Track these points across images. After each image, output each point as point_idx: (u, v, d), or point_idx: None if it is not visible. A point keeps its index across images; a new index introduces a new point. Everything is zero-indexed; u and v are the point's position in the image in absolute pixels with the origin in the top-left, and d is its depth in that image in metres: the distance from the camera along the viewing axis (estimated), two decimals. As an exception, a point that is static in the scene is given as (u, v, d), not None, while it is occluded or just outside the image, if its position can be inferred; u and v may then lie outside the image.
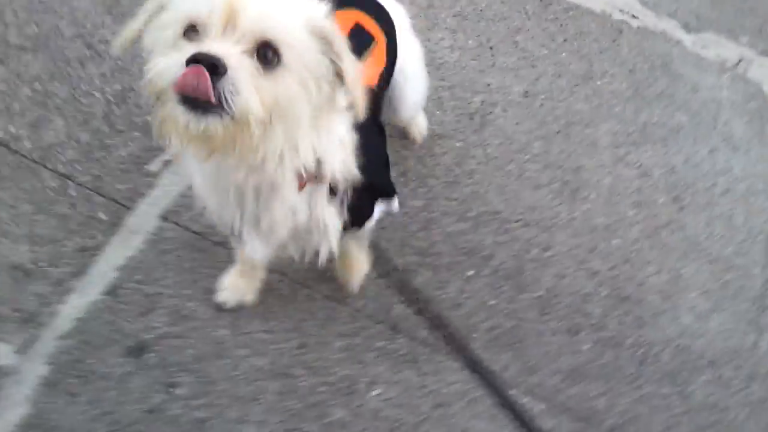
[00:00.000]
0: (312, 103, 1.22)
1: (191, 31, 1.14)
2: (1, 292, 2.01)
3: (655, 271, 2.45)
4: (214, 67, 1.05)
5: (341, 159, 1.43)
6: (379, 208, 1.72)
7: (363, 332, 2.13)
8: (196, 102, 1.06)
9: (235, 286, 2.07)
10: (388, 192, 1.72)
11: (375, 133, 1.66)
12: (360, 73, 1.25)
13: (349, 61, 1.22)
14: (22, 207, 2.15)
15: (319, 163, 1.36)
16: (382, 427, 2.00)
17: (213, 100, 1.06)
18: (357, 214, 1.62)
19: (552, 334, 2.25)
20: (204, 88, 1.04)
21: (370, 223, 1.74)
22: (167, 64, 1.10)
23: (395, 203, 1.78)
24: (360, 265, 2.13)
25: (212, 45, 1.09)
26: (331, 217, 1.54)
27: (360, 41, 1.54)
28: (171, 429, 1.91)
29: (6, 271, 2.05)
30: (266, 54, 1.13)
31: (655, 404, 2.19)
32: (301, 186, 1.39)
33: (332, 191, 1.49)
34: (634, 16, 3.19)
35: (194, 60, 1.05)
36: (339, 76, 1.24)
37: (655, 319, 2.35)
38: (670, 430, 2.16)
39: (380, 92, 1.74)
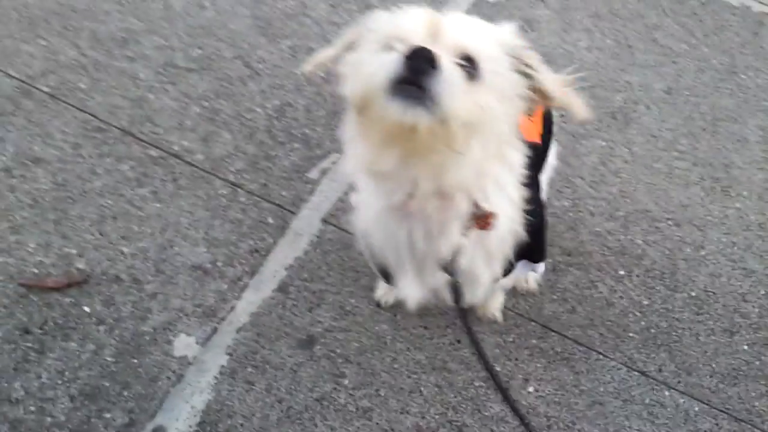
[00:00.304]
0: (507, 120, 1.26)
1: (389, 49, 1.20)
2: (184, 290, 2.22)
3: (814, 269, 2.35)
4: (431, 62, 1.09)
5: (510, 213, 1.46)
6: (521, 267, 1.73)
7: (516, 330, 2.18)
8: (409, 93, 1.10)
9: (390, 287, 2.18)
10: (539, 255, 1.72)
11: (538, 191, 1.66)
12: (560, 81, 1.30)
13: (545, 71, 1.28)
14: (199, 213, 2.36)
15: (489, 212, 1.40)
16: (537, 422, 2.04)
17: (429, 90, 1.10)
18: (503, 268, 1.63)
19: (708, 334, 2.21)
20: (423, 77, 1.09)
21: (511, 276, 1.74)
22: (382, 61, 1.14)
23: (541, 267, 1.78)
24: (495, 303, 2.16)
25: (425, 45, 1.14)
26: (485, 269, 1.56)
27: None
28: (339, 416, 2.03)
29: (187, 270, 2.26)
30: (466, 66, 1.18)
31: (818, 407, 2.10)
32: (471, 228, 1.42)
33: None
34: (776, 7, 3.07)
35: (411, 54, 1.10)
36: (533, 96, 1.29)
37: (817, 320, 2.26)
38: (836, 434, 2.07)
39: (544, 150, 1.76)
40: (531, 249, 1.61)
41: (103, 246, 2.29)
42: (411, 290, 1.64)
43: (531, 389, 2.09)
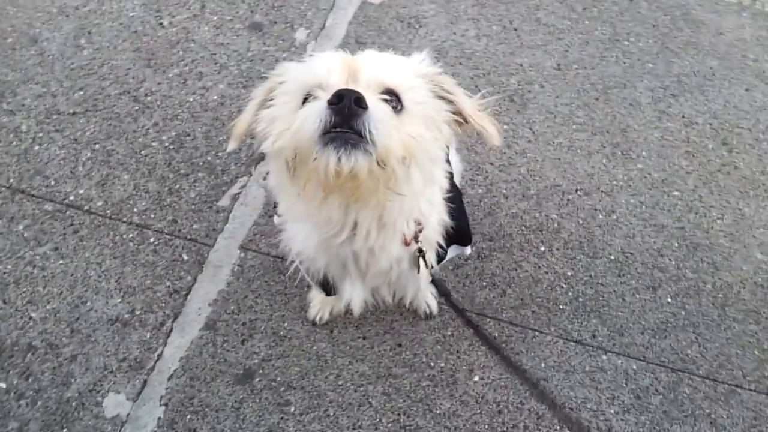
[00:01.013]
0: (438, 145, 1.27)
1: (310, 99, 1.18)
2: (105, 346, 2.09)
3: (719, 215, 2.48)
4: (358, 101, 1.08)
5: (438, 215, 1.50)
6: (452, 251, 1.75)
7: (452, 323, 2.18)
8: (343, 139, 1.09)
9: (322, 301, 2.14)
10: (467, 238, 1.75)
11: (452, 176, 1.69)
12: (475, 105, 1.32)
13: (462, 95, 1.30)
14: (108, 262, 2.24)
15: (421, 220, 1.45)
16: (489, 410, 2.04)
17: (361, 131, 1.08)
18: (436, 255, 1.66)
19: (633, 293, 2.29)
20: (353, 120, 1.08)
21: (442, 262, 1.77)
22: (309, 112, 1.11)
23: (468, 250, 1.83)
24: (429, 294, 2.17)
25: (348, 86, 1.13)
26: (423, 266, 1.59)
27: None
28: (290, 446, 1.97)
29: (105, 325, 2.13)
30: (390, 100, 1.18)
31: (744, 342, 2.21)
32: (406, 242, 1.45)
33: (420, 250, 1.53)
34: (644, -27, 3.23)
35: (336, 99, 1.08)
36: (456, 119, 1.31)
37: (729, 261, 2.38)
38: (763, 365, 2.18)
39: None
40: (457, 232, 1.63)
41: (10, 315, 2.13)
42: (356, 293, 1.64)
43: (477, 378, 2.10)
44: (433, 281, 1.61)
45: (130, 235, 2.29)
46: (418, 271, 1.58)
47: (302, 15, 2.93)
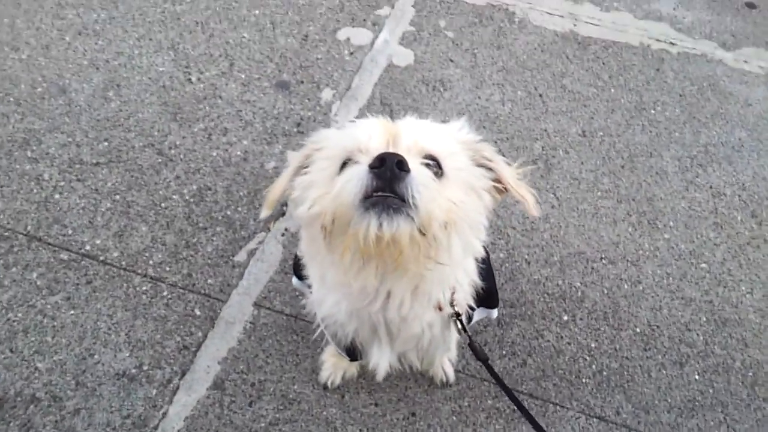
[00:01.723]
0: (478, 212, 1.24)
1: (349, 164, 1.16)
2: (109, 402, 2.03)
3: (748, 289, 2.39)
4: (401, 165, 1.05)
5: (469, 278, 1.46)
6: (479, 314, 1.71)
7: (469, 393, 2.09)
8: (385, 204, 1.05)
9: (335, 364, 2.07)
10: (494, 300, 1.72)
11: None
12: (515, 174, 1.30)
13: (502, 163, 1.28)
14: (119, 314, 2.19)
15: (456, 288, 1.41)
16: (505, 489, 1.93)
17: (403, 195, 1.05)
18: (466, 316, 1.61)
19: (659, 368, 2.18)
20: (396, 184, 1.05)
21: (469, 324, 1.71)
22: (350, 176, 1.09)
23: (495, 313, 1.79)
24: (447, 361, 2.10)
25: (389, 150, 1.11)
26: (454, 331, 1.55)
27: None
28: None
29: (111, 380, 2.07)
30: (430, 166, 1.16)
31: (778, 427, 2.09)
32: (439, 307, 1.41)
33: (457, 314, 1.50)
34: (671, 43, 3.24)
35: (379, 162, 1.06)
36: (495, 187, 1.29)
37: (759, 338, 2.28)
38: (799, 452, 2.06)
39: None
40: (486, 293, 1.58)
41: (16, 364, 2.08)
42: (383, 358, 1.57)
43: (494, 454, 1.99)
44: (470, 345, 1.55)
45: (144, 288, 2.25)
46: (458, 333, 1.52)
47: (329, 75, 2.96)
